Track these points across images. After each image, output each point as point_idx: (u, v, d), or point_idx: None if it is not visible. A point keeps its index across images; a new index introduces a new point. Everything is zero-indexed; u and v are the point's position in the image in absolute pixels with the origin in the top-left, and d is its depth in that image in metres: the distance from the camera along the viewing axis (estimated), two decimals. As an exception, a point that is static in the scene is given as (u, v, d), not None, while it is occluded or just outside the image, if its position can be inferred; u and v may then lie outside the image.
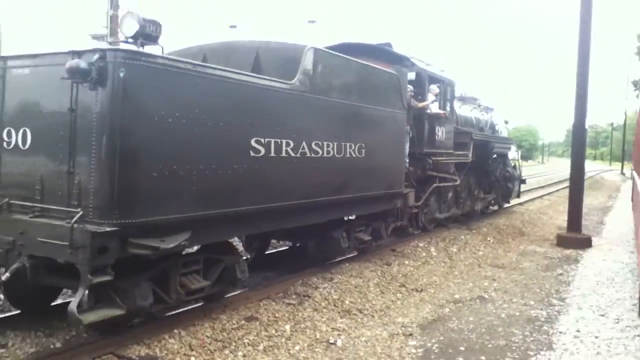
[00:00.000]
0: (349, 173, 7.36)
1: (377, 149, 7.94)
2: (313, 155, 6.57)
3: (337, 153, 7.03)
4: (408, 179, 9.54)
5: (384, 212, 8.87)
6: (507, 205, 17.26)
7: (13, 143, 4.83)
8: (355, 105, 7.41)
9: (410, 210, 10.11)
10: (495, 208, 16.51)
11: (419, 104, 9.94)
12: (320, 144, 6.70)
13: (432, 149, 10.55)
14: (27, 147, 4.75)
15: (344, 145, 7.17)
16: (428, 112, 10.24)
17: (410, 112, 9.43)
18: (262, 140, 5.71)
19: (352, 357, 5.19)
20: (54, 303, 5.97)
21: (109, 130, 4.31)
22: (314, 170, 6.63)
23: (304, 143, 6.39)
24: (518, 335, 5.97)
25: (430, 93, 10.50)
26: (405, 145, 9.30)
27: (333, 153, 6.95)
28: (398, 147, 8.79)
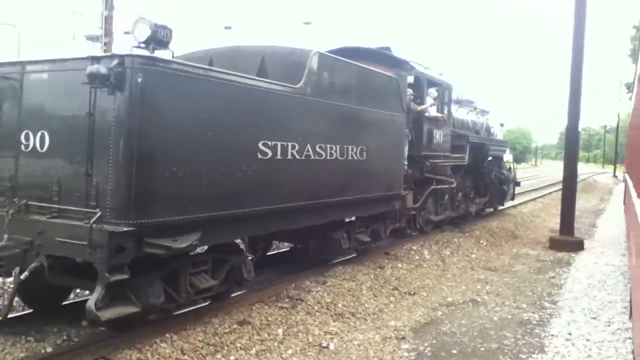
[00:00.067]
0: (351, 175, 7.53)
1: (377, 152, 8.11)
2: (317, 158, 6.73)
3: (339, 155, 7.20)
4: (406, 181, 9.71)
5: (383, 213, 9.01)
6: (501, 208, 17.48)
7: (31, 146, 4.96)
8: (357, 109, 7.59)
9: (409, 212, 10.29)
10: (491, 210, 16.71)
11: (418, 107, 10.14)
12: (324, 147, 6.86)
13: (430, 152, 10.74)
14: (45, 149, 4.89)
15: (346, 148, 7.34)
16: (426, 115, 10.43)
17: (410, 115, 9.63)
18: (269, 143, 5.87)
19: None
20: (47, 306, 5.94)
21: (127, 134, 4.46)
22: (318, 173, 6.79)
23: (309, 146, 6.55)
24: (510, 338, 5.99)
25: (429, 96, 10.70)
26: (405, 148, 9.49)
27: (336, 155, 7.12)
28: (397, 149, 8.97)
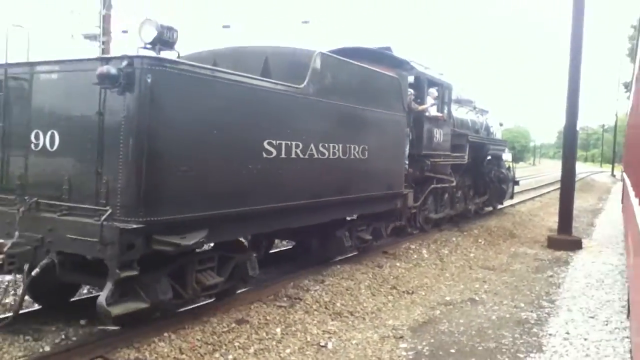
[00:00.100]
0: (353, 174, 7.63)
1: (379, 151, 8.21)
2: (320, 157, 6.83)
3: (342, 154, 7.29)
4: (407, 180, 9.80)
5: (385, 212, 9.11)
6: (500, 207, 17.60)
7: (41, 145, 5.05)
8: (359, 108, 7.69)
9: (410, 211, 10.39)
10: (490, 209, 16.83)
11: (419, 107, 10.24)
12: (327, 146, 6.96)
13: (430, 151, 10.84)
14: (55, 148, 4.98)
15: (349, 147, 7.44)
16: (427, 114, 10.54)
17: (411, 114, 9.74)
18: (273, 142, 5.96)
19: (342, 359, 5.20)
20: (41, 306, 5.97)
21: (136, 133, 4.55)
22: (321, 171, 6.89)
23: (312, 145, 6.64)
24: (508, 338, 6.01)
25: (429, 96, 10.81)
26: (406, 147, 9.59)
27: (339, 154, 7.22)
28: (399, 148, 9.07)
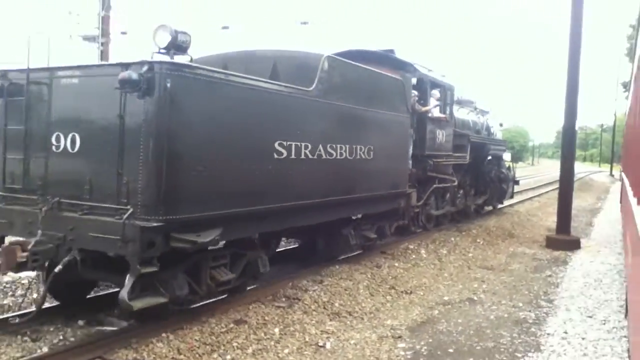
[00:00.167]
0: (359, 174, 7.84)
1: (384, 151, 8.41)
2: (328, 157, 7.03)
3: (349, 155, 7.50)
4: (411, 180, 10.00)
5: (389, 211, 9.32)
6: (500, 206, 17.80)
7: (62, 147, 5.24)
8: (365, 110, 7.90)
9: (413, 210, 10.59)
10: (490, 208, 17.04)
11: (422, 108, 10.44)
12: (334, 147, 7.16)
13: (433, 151, 11.03)
14: (75, 150, 5.17)
15: (355, 148, 7.64)
16: (430, 115, 10.74)
17: (414, 115, 9.95)
18: (284, 143, 6.16)
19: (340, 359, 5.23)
20: (46, 306, 5.95)
21: (156, 135, 4.74)
22: (329, 171, 7.09)
23: (320, 146, 6.85)
24: (506, 337, 6.02)
25: (432, 98, 11.01)
26: (409, 148, 9.80)
27: (345, 155, 7.42)
28: (403, 149, 9.29)
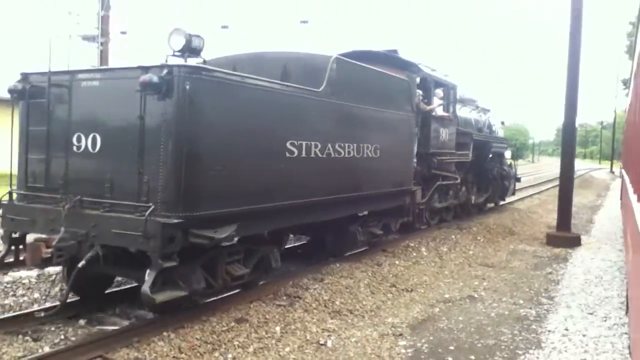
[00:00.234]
0: (366, 172, 8.04)
1: (390, 150, 8.62)
2: (337, 156, 7.23)
3: (356, 153, 7.70)
4: (415, 177, 10.20)
5: (395, 208, 9.52)
6: (502, 203, 18.01)
7: (83, 147, 5.43)
8: (373, 109, 8.09)
9: (418, 207, 10.79)
10: (492, 205, 17.24)
11: (427, 107, 10.64)
12: (343, 145, 7.36)
13: (437, 149, 11.23)
14: (97, 150, 5.36)
15: (362, 146, 7.84)
16: (434, 114, 10.93)
17: (419, 114, 10.15)
18: (295, 143, 6.36)
19: (342, 358, 5.25)
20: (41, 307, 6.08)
21: (175, 135, 4.94)
22: (337, 170, 7.29)
23: (329, 144, 7.05)
24: (507, 334, 6.02)
25: (436, 97, 11.21)
26: (414, 146, 10.01)
27: (353, 153, 7.62)
28: (408, 147, 9.49)
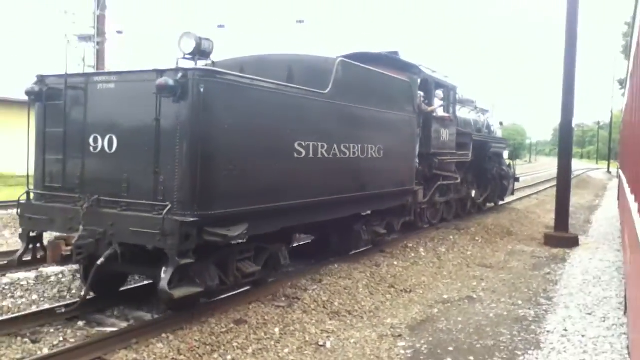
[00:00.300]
0: (370, 172, 8.23)
1: (393, 150, 8.81)
2: (342, 156, 7.41)
3: (361, 154, 7.88)
4: (417, 177, 10.39)
5: (397, 207, 9.70)
6: (501, 203, 18.19)
7: (99, 147, 5.60)
8: (376, 111, 8.28)
9: (420, 206, 10.98)
10: (491, 205, 17.44)
11: (428, 108, 10.83)
12: (348, 146, 7.54)
13: (438, 150, 11.42)
14: (113, 150, 5.52)
15: (367, 147, 8.03)
16: (435, 115, 11.12)
17: (420, 115, 10.34)
18: (303, 144, 6.54)
19: (341, 359, 5.26)
20: (42, 308, 6.15)
21: (190, 137, 5.10)
22: (343, 170, 7.47)
23: (335, 145, 7.23)
24: (506, 335, 6.04)
25: (436, 98, 11.41)
26: (416, 146, 10.19)
27: (358, 154, 7.80)
28: (410, 147, 9.69)
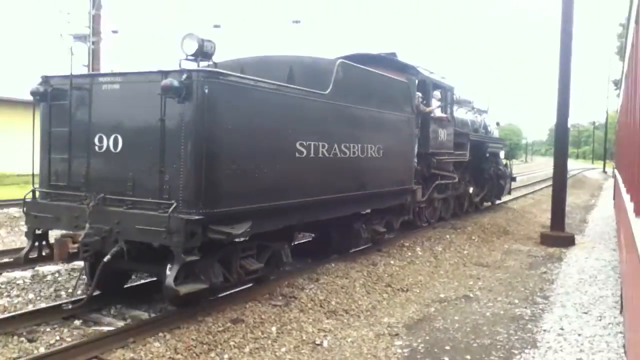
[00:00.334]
0: (370, 171, 8.34)
1: (392, 150, 8.93)
2: (342, 156, 7.52)
3: (360, 154, 8.00)
4: (416, 177, 10.51)
5: (396, 206, 9.83)
6: (498, 202, 18.33)
7: (104, 147, 5.69)
8: (376, 111, 8.40)
9: (419, 205, 11.10)
10: (488, 204, 17.58)
11: (426, 109, 10.95)
12: (348, 146, 7.65)
13: (436, 149, 11.55)
14: (118, 150, 5.61)
15: (366, 147, 8.14)
16: (432, 115, 11.25)
17: (419, 116, 10.46)
18: (304, 143, 6.65)
19: (338, 358, 5.26)
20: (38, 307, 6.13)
21: (195, 136, 5.20)
22: (343, 169, 7.58)
23: (336, 145, 7.34)
24: (503, 334, 6.04)
25: (434, 98, 11.53)
26: (415, 146, 10.32)
27: (358, 154, 7.92)
28: (409, 147, 9.82)
